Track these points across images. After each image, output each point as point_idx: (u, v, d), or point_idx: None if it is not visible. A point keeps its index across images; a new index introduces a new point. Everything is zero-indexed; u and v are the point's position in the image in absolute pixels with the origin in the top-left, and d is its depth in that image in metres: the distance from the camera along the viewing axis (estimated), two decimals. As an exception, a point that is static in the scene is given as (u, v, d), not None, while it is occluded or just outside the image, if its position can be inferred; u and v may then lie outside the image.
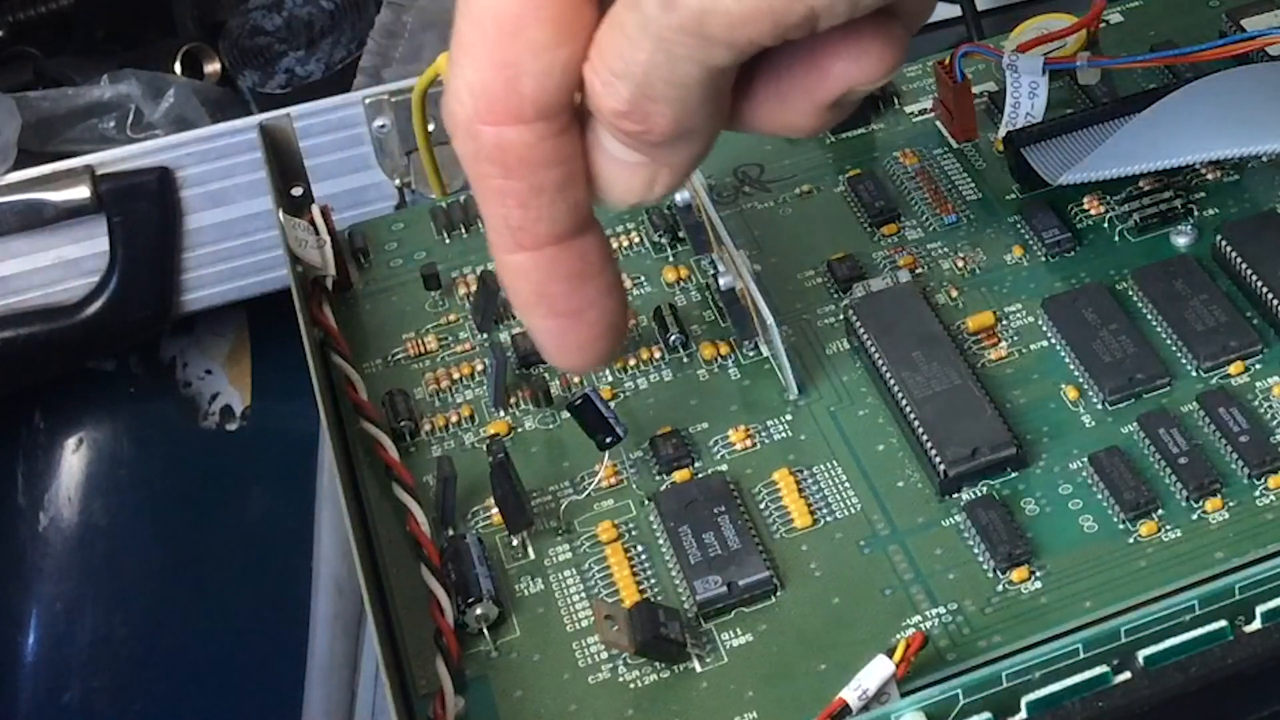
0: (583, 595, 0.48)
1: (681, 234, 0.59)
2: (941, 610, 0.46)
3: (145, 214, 0.87)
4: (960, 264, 0.56)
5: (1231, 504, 0.47)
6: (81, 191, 0.86)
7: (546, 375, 0.55)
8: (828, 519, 0.49)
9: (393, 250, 0.61)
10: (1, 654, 0.94)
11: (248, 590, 0.97)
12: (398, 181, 0.91)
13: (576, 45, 0.34)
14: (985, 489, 0.49)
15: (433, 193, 0.75)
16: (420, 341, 0.57)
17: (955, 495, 0.49)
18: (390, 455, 0.52)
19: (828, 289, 0.56)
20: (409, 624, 0.48)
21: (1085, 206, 0.57)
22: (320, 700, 0.89)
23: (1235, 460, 0.48)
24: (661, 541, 0.49)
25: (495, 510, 0.50)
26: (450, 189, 0.77)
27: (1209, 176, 0.58)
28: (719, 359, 0.54)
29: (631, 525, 0.50)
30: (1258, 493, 0.48)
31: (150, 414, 1.01)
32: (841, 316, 0.54)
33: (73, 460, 0.98)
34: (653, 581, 0.48)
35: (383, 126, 0.89)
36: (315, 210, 0.58)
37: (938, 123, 0.62)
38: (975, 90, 0.61)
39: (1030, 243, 0.56)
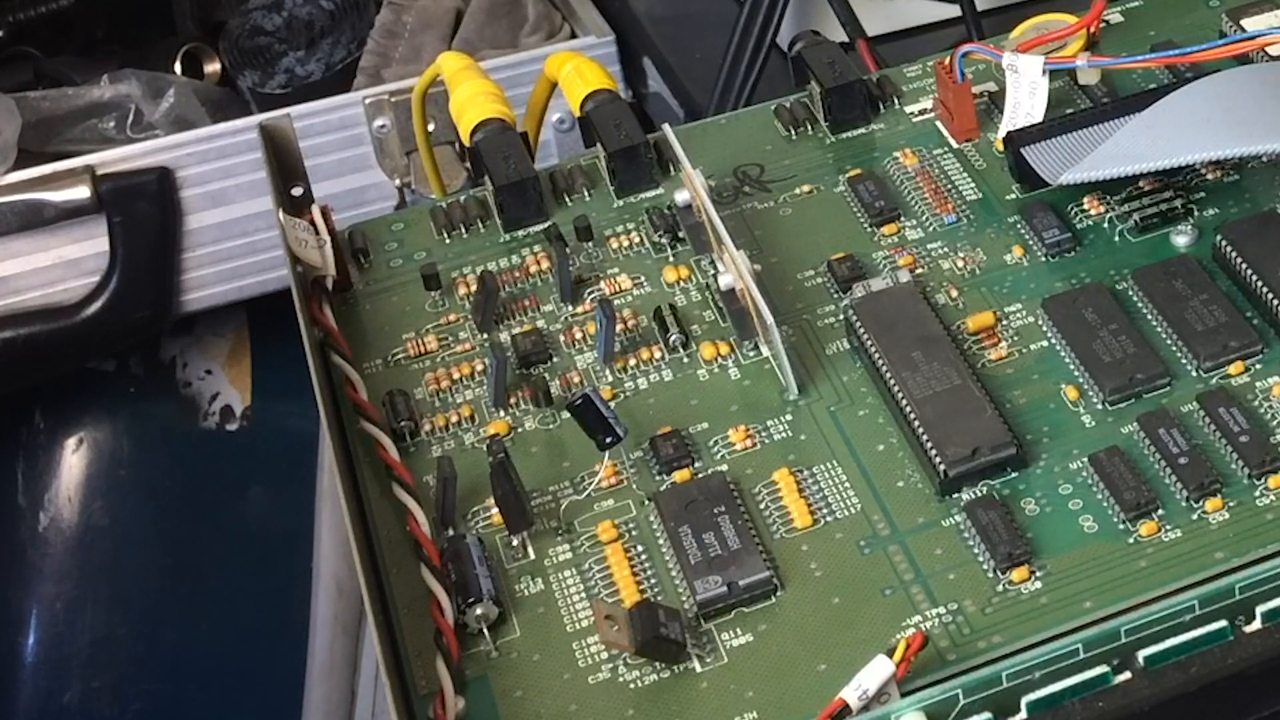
0: (583, 595, 0.48)
1: (681, 234, 0.59)
2: (941, 610, 0.46)
3: (145, 214, 0.87)
4: (960, 264, 0.56)
5: (1231, 504, 0.47)
6: (81, 191, 0.86)
7: (546, 375, 0.55)
8: (828, 519, 0.49)
9: (393, 250, 0.61)
10: (1, 654, 0.95)
11: (248, 590, 0.97)
12: (398, 181, 0.91)
13: None
14: (985, 489, 0.49)
15: (433, 193, 0.75)
16: (420, 341, 0.56)
17: (955, 495, 0.49)
18: (390, 455, 0.52)
19: (828, 289, 0.56)
20: (409, 624, 0.47)
21: (1085, 206, 0.57)
22: (320, 700, 0.89)
23: (1235, 460, 0.48)
24: (661, 541, 0.49)
25: (495, 510, 0.50)
26: (450, 189, 0.77)
27: (1209, 176, 0.58)
28: (719, 359, 0.54)
29: (631, 525, 0.50)
30: (1258, 493, 0.48)
31: (150, 414, 1.01)
32: (841, 316, 0.54)
33: (73, 460, 0.98)
34: (653, 581, 0.48)
35: (383, 126, 0.89)
36: (315, 210, 0.58)
37: (938, 123, 0.62)
38: (975, 90, 0.61)
39: (1030, 243, 0.56)
